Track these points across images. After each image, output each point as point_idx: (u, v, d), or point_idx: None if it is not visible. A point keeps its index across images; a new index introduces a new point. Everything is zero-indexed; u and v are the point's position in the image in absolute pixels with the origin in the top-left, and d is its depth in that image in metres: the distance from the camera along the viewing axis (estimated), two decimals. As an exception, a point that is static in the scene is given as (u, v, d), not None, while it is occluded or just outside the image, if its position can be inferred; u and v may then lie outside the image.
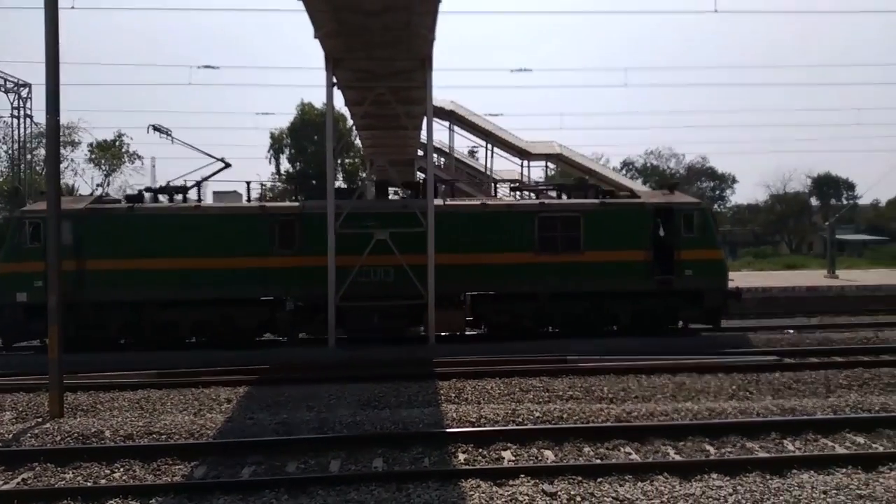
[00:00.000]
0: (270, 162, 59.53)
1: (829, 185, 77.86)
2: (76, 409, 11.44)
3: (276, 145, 59.29)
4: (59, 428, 9.94)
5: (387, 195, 20.07)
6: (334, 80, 16.77)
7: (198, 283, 16.81)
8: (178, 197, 18.63)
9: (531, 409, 10.49)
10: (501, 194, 30.26)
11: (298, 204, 17.63)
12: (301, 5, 13.35)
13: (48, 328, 10.92)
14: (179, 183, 18.71)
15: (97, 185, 50.26)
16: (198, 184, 18.60)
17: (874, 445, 9.04)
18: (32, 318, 16.15)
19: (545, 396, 11.83)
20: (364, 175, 35.55)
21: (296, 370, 14.10)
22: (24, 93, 37.11)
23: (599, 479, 7.78)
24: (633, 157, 75.78)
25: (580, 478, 7.81)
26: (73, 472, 8.39)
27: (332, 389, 12.34)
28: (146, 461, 8.63)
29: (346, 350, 16.22)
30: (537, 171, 42.26)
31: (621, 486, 7.63)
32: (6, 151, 43.06)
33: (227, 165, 18.89)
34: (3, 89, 36.21)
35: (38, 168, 41.00)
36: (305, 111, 57.31)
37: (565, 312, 17.70)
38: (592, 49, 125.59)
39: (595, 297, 17.57)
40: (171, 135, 18.71)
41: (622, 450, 8.92)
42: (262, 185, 20.12)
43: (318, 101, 55.48)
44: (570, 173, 36.60)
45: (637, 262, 17.59)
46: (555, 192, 20.29)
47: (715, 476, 7.88)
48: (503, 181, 33.28)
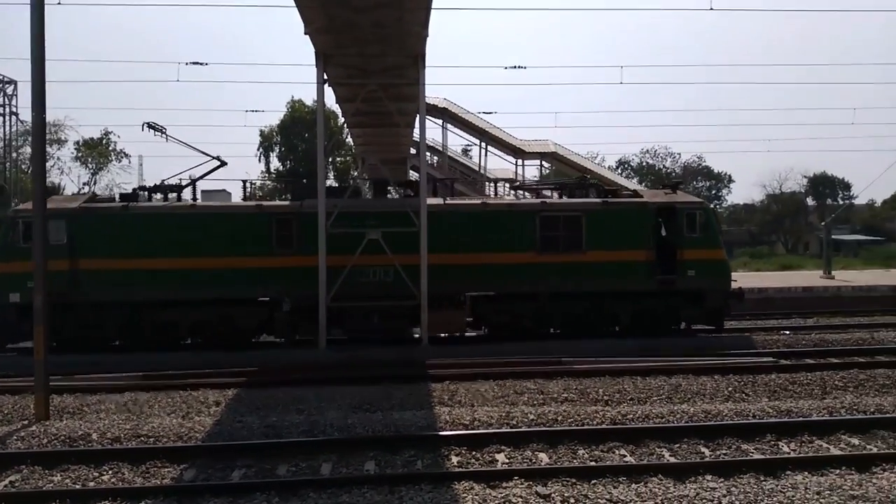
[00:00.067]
0: (260, 160, 59.40)
1: (825, 185, 78.12)
2: (62, 412, 11.29)
3: (266, 143, 59.02)
4: (45, 430, 9.80)
5: (385, 194, 19.95)
6: (325, 76, 16.61)
7: (195, 283, 16.62)
8: (172, 196, 18.42)
9: (525, 412, 10.39)
10: (499, 192, 30.14)
11: (297, 203, 17.39)
12: (291, 1, 13.21)
13: (34, 329, 10.76)
14: (175, 181, 18.54)
15: (84, 184, 50.05)
16: (193, 182, 18.40)
17: (869, 446, 9.00)
18: (26, 318, 15.89)
19: (540, 398, 11.74)
20: (356, 174, 35.40)
21: (286, 372, 13.94)
22: (9, 90, 36.94)
23: (593, 481, 7.72)
24: (629, 156, 75.88)
25: (574, 480, 7.74)
26: (61, 475, 8.27)
27: (323, 392, 12.21)
28: (134, 464, 8.52)
29: (338, 352, 16.06)
30: (532, 170, 42.19)
31: (615, 487, 7.56)
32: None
33: (223, 164, 18.73)
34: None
35: (23, 166, 40.71)
36: (296, 108, 56.95)
37: (566, 313, 17.60)
38: (587, 46, 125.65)
39: (596, 297, 17.48)
40: (165, 132, 18.55)
41: (617, 452, 8.84)
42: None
43: (309, 97, 55.25)
44: (566, 172, 36.53)
45: (639, 261, 17.51)
46: (554, 192, 20.14)
47: (709, 477, 7.83)
48: (497, 180, 33.19)
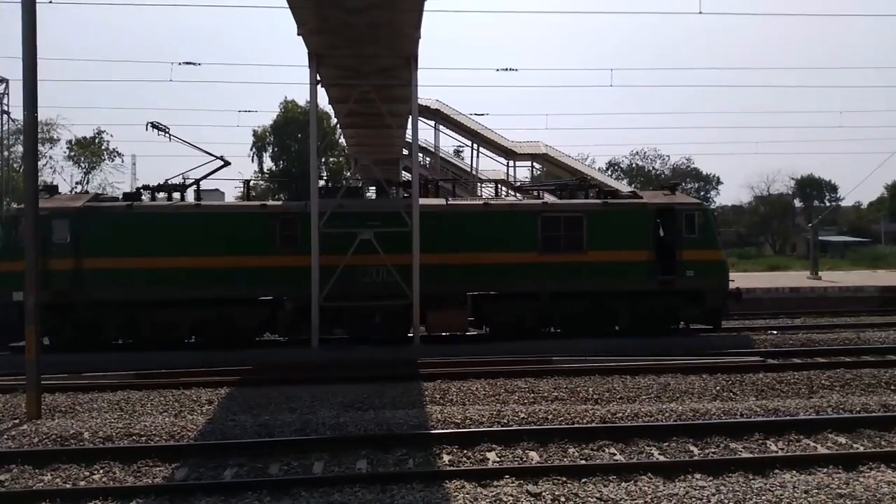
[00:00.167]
0: (253, 160, 59.24)
1: (812, 187, 78.85)
2: (54, 411, 11.26)
3: (259, 143, 58.88)
4: (36, 429, 9.78)
5: (388, 194, 19.97)
6: (318, 77, 16.65)
7: (198, 282, 16.58)
8: (175, 195, 18.38)
9: (516, 410, 10.46)
10: (488, 194, 30.21)
11: (301, 203, 17.34)
12: (285, 2, 13.23)
13: (25, 328, 10.73)
14: (175, 181, 18.47)
15: (76, 183, 49.74)
16: (197, 182, 18.35)
17: (855, 445, 9.10)
18: None
19: (530, 397, 11.81)
20: (349, 174, 35.39)
21: (278, 371, 13.95)
22: (1, 88, 36.69)
23: (584, 480, 7.77)
24: (619, 158, 76.23)
25: (564, 478, 7.79)
26: (52, 474, 8.24)
27: (315, 391, 12.22)
28: (126, 463, 8.51)
29: (330, 351, 16.08)
30: (523, 171, 42.34)
31: (605, 486, 7.63)
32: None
33: (227, 164, 18.69)
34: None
35: (15, 165, 40.43)
36: (289, 109, 56.85)
37: (566, 312, 17.70)
38: (578, 49, 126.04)
39: (596, 296, 17.60)
40: (168, 132, 18.51)
41: (607, 450, 8.92)
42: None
43: (302, 98, 55.19)
44: (556, 174, 36.67)
45: (639, 262, 17.64)
46: (549, 193, 20.17)
47: (698, 476, 7.90)
48: (488, 181, 33.28)
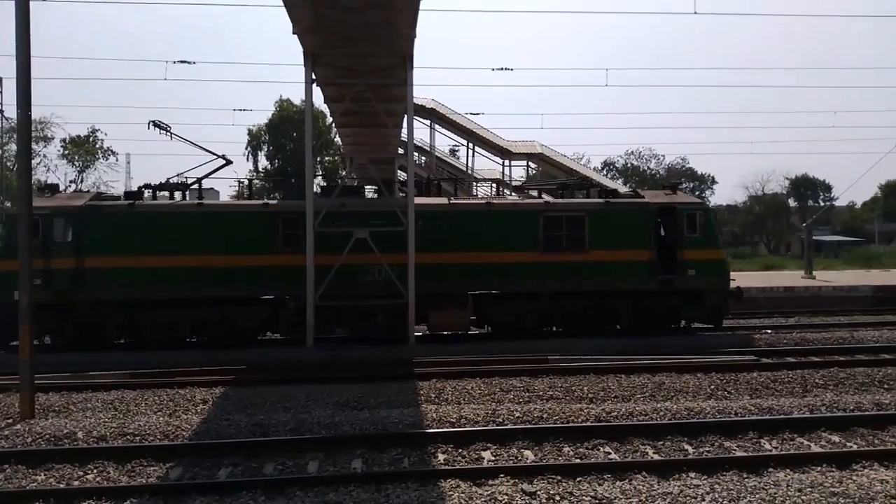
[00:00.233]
0: (248, 159, 59.13)
1: (806, 187, 79.10)
2: (48, 410, 11.22)
3: (254, 142, 58.77)
4: (30, 429, 9.75)
5: (391, 193, 19.99)
6: (313, 76, 16.61)
7: (200, 281, 16.53)
8: (178, 194, 18.26)
9: (511, 409, 10.47)
10: (483, 194, 30.21)
11: (304, 202, 17.33)
12: (280, 1, 13.20)
13: (19, 328, 10.69)
14: (174, 181, 18.39)
15: (70, 182, 49.54)
16: (199, 181, 18.29)
17: (849, 444, 9.13)
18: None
19: (525, 396, 11.82)
20: (344, 173, 35.37)
21: (273, 371, 13.92)
22: (-6, 87, 36.43)
23: (578, 479, 7.78)
24: (614, 158, 76.28)
25: (559, 477, 7.80)
26: (45, 474, 8.21)
27: (310, 390, 12.21)
28: (120, 463, 8.48)
29: (325, 350, 16.07)
30: (518, 171, 42.31)
31: (600, 485, 7.64)
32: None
33: (229, 162, 18.64)
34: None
35: (9, 164, 40.22)
36: (284, 108, 56.79)
37: (567, 312, 17.71)
38: (574, 49, 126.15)
39: (597, 296, 17.61)
40: (170, 131, 18.45)
41: (601, 449, 8.93)
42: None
43: (297, 97, 55.08)
44: (552, 173, 36.66)
45: (641, 261, 17.66)
46: (546, 194, 20.15)
47: (693, 475, 7.92)
48: (484, 180, 33.26)
